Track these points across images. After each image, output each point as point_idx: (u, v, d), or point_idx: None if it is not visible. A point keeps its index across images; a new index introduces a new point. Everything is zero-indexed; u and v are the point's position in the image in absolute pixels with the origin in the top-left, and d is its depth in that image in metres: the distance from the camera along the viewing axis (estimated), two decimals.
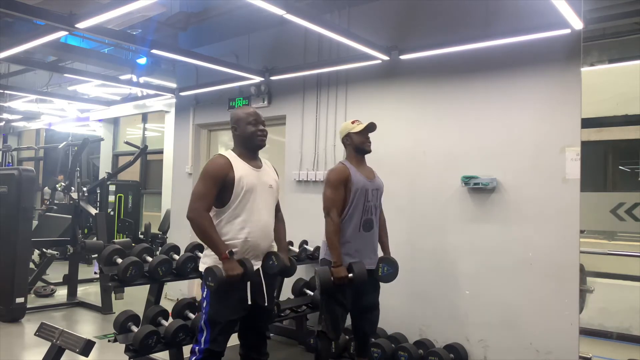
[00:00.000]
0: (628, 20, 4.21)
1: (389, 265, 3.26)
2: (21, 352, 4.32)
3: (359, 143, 3.27)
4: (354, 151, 3.30)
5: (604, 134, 5.34)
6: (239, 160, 2.69)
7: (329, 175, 3.22)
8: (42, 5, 3.54)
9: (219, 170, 2.61)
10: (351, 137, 3.29)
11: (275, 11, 3.20)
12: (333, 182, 3.17)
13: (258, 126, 2.75)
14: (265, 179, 2.76)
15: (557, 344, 3.34)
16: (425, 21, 4.09)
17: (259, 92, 5.25)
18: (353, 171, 3.20)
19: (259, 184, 2.70)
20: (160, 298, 3.86)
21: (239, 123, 2.76)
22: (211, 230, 2.56)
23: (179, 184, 6.24)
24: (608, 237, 5.23)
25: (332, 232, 3.11)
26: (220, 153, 2.73)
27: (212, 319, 2.60)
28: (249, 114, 2.76)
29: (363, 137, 3.28)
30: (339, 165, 3.27)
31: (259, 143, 2.76)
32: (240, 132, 2.75)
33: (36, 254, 6.55)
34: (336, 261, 3.07)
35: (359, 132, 3.26)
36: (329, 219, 3.14)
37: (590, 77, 4.60)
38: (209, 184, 2.59)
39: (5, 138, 12.68)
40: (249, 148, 2.77)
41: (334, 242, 3.10)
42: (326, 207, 3.17)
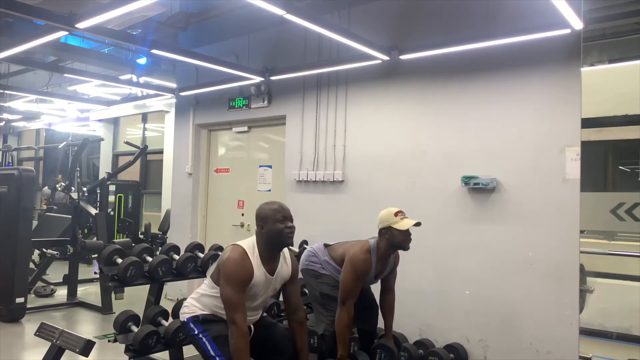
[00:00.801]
0: (628, 20, 4.20)
1: (387, 352, 3.31)
2: (21, 352, 4.32)
3: (400, 241, 3.06)
4: (389, 246, 3.11)
5: (604, 134, 5.33)
6: (259, 264, 2.60)
7: (356, 262, 3.09)
8: (42, 5, 3.54)
9: (246, 277, 2.54)
10: (392, 232, 3.05)
11: (275, 11, 3.20)
12: (358, 273, 3.09)
13: (286, 223, 2.60)
14: (272, 285, 2.71)
15: (557, 344, 3.34)
16: (425, 21, 4.09)
17: (259, 92, 5.25)
18: (372, 266, 3.15)
19: (264, 289, 2.67)
20: (160, 298, 3.86)
21: (266, 221, 2.61)
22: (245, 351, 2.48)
23: (179, 184, 6.25)
24: (608, 237, 5.23)
25: (344, 325, 3.08)
26: (244, 249, 2.59)
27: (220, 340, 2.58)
28: (276, 211, 2.62)
29: (405, 235, 3.05)
30: (366, 256, 3.12)
31: (286, 241, 2.64)
32: (267, 230, 2.60)
33: (36, 254, 6.55)
34: (342, 355, 3.10)
35: (404, 230, 3.04)
36: (344, 309, 3.08)
37: (590, 77, 4.60)
38: (239, 291, 2.52)
39: (5, 138, 12.67)
40: (275, 247, 2.65)
41: (344, 336, 3.09)
42: (344, 297, 3.10)
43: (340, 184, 4.52)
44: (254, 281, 2.57)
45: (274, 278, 2.68)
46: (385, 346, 3.32)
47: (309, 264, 3.42)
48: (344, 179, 4.51)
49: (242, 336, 2.46)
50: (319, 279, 3.34)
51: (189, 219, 6.02)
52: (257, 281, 2.59)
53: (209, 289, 2.70)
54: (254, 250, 2.61)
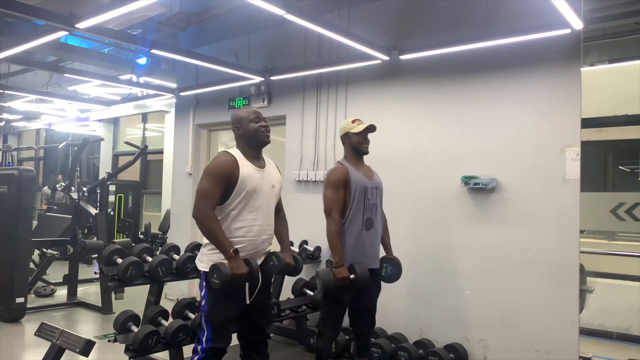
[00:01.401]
0: (628, 20, 4.20)
1: (393, 265, 3.26)
2: (21, 352, 4.32)
3: (357, 143, 3.26)
4: (352, 151, 3.30)
5: (604, 134, 5.34)
6: (244, 159, 2.68)
7: (329, 175, 3.22)
8: (42, 5, 3.54)
9: (225, 168, 2.60)
10: (350, 137, 3.28)
11: (275, 11, 3.20)
12: (333, 183, 3.16)
13: (261, 122, 2.74)
14: (268, 180, 2.75)
15: (557, 344, 3.34)
16: (425, 21, 4.09)
17: (259, 92, 5.25)
18: (352, 170, 3.19)
19: (261, 184, 2.69)
20: (160, 298, 3.86)
21: (241, 122, 2.74)
22: (217, 229, 2.56)
23: (179, 184, 6.25)
24: (608, 237, 5.23)
25: (333, 232, 3.10)
26: (226, 150, 2.71)
27: (211, 317, 2.60)
28: (250, 112, 2.76)
29: (361, 138, 3.27)
30: (337, 166, 3.26)
31: (263, 139, 2.75)
32: (244, 131, 2.73)
33: (36, 254, 6.55)
34: (338, 262, 3.07)
35: (358, 132, 3.25)
36: (331, 219, 3.13)
37: (590, 77, 4.60)
38: (215, 182, 2.58)
39: (5, 138, 12.68)
40: (254, 146, 2.75)
41: (336, 243, 3.09)
42: (327, 208, 3.16)
43: None
44: (242, 174, 2.60)
45: (265, 171, 2.74)
46: (390, 259, 3.29)
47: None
48: None
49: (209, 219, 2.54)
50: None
51: (189, 219, 6.00)
52: (248, 173, 2.63)
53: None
54: (235, 151, 2.71)
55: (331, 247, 3.12)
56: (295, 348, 4.35)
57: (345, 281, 3.02)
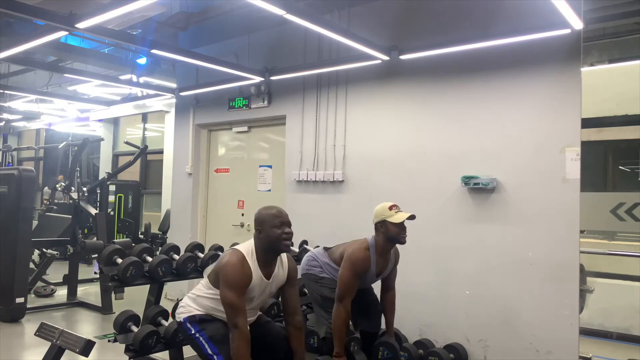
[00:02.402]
0: (628, 20, 4.20)
1: (389, 349, 3.31)
2: (21, 352, 4.32)
3: (395, 234, 3.07)
4: (386, 240, 3.12)
5: (604, 134, 5.33)
6: (257, 267, 2.62)
7: (355, 259, 3.10)
8: (42, 5, 3.54)
9: (245, 280, 2.55)
10: (387, 226, 3.07)
11: (275, 11, 3.20)
12: (356, 270, 3.08)
13: (284, 229, 2.60)
14: (269, 288, 2.72)
15: (557, 344, 3.34)
16: (425, 21, 4.09)
17: (259, 92, 5.25)
18: (372, 263, 3.15)
19: (261, 293, 2.68)
20: (160, 298, 3.86)
21: (263, 225, 2.61)
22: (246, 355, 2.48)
23: (179, 184, 6.24)
24: (608, 237, 5.23)
25: (341, 320, 3.07)
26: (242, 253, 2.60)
27: (214, 337, 2.60)
28: (274, 216, 2.62)
29: (400, 229, 3.06)
30: (365, 253, 3.12)
31: (284, 248, 2.65)
32: (265, 236, 2.60)
33: (36, 254, 6.55)
34: (339, 352, 3.09)
35: (399, 224, 3.06)
36: (341, 306, 3.07)
37: (590, 77, 4.59)
38: (240, 294, 2.52)
39: (5, 138, 12.68)
40: (272, 252, 2.65)
41: (341, 333, 3.08)
42: (340, 294, 3.09)
43: (340, 184, 4.52)
44: (251, 285, 2.58)
45: (270, 282, 2.69)
46: (387, 343, 3.33)
47: (309, 269, 3.43)
48: (344, 179, 4.51)
49: (244, 340, 2.46)
50: (319, 282, 3.35)
51: (189, 219, 6.02)
52: (254, 285, 2.60)
53: (205, 290, 2.70)
54: (252, 254, 2.62)
55: (335, 334, 3.10)
56: None
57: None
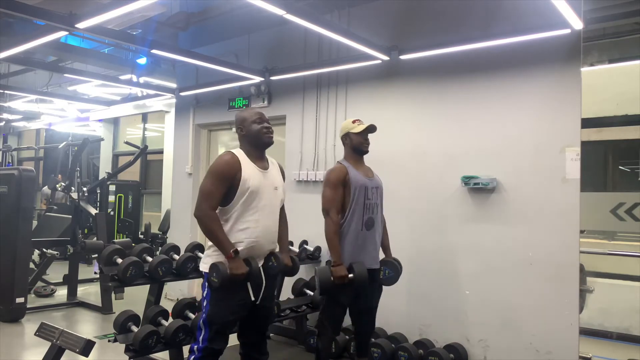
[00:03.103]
0: (628, 20, 4.20)
1: (391, 268, 3.26)
2: (21, 352, 4.32)
3: (357, 144, 3.27)
4: (352, 151, 3.31)
5: (604, 134, 5.33)
6: (247, 160, 2.69)
7: (328, 175, 3.23)
8: (42, 5, 3.54)
9: (228, 169, 2.61)
10: (350, 137, 3.29)
11: (275, 11, 3.20)
12: (332, 182, 3.17)
13: (264, 124, 2.76)
14: (270, 181, 2.76)
15: (557, 344, 3.34)
16: (425, 21, 4.09)
17: (259, 92, 5.25)
18: (351, 170, 3.20)
19: (264, 185, 2.70)
20: (160, 298, 3.86)
21: (244, 123, 2.77)
22: (218, 230, 2.58)
23: (179, 184, 6.25)
24: (608, 237, 5.23)
25: (331, 231, 3.11)
26: (229, 150, 2.72)
27: (211, 319, 2.60)
28: (253, 113, 2.78)
29: (362, 138, 3.28)
30: (337, 165, 3.27)
31: (266, 140, 2.76)
32: (247, 132, 2.75)
33: (36, 254, 6.55)
34: (336, 261, 3.07)
35: (359, 132, 3.26)
36: (329, 218, 3.14)
37: (590, 77, 4.60)
38: (217, 182, 2.59)
39: (5, 138, 12.68)
40: (257, 146, 2.76)
41: (334, 242, 3.10)
42: (325, 207, 3.17)
43: None
44: (245, 174, 2.61)
45: (268, 172, 2.75)
46: (388, 262, 3.28)
47: None
48: None
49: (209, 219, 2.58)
50: None
51: (189, 219, 6.01)
52: (250, 173, 2.64)
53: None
54: (240, 152, 2.72)
55: (329, 246, 3.12)
56: (295, 348, 4.35)
57: (343, 280, 3.02)
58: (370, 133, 3.32)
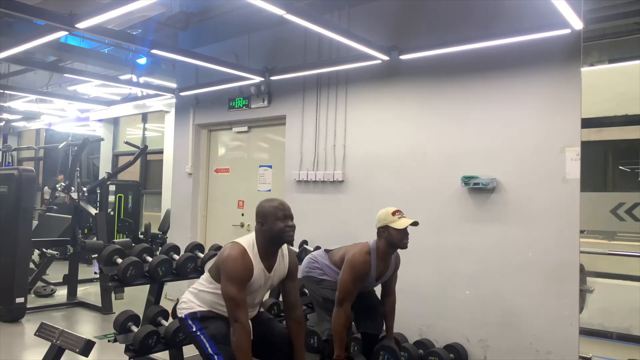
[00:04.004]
0: (628, 20, 4.21)
1: (390, 353, 3.31)
2: (21, 352, 4.32)
3: (397, 240, 3.07)
4: (388, 245, 3.13)
5: (604, 134, 5.33)
6: (258, 261, 2.60)
7: (355, 263, 3.10)
8: (42, 5, 3.54)
9: (247, 273, 2.53)
10: (389, 231, 3.07)
11: (275, 11, 3.20)
12: (356, 274, 3.08)
13: (287, 222, 2.59)
14: (270, 281, 2.71)
15: (557, 344, 3.34)
16: (426, 21, 4.09)
17: (259, 92, 5.25)
18: (373, 267, 3.15)
19: (262, 286, 2.66)
20: (160, 298, 3.86)
21: (266, 218, 2.59)
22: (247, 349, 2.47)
23: (179, 184, 6.24)
24: (608, 237, 5.23)
25: (341, 325, 3.08)
26: (244, 249, 2.57)
27: (215, 335, 2.58)
28: (277, 209, 2.60)
29: (402, 235, 3.07)
30: (365, 257, 3.12)
31: (287, 240, 2.63)
32: (268, 229, 2.59)
33: (36, 254, 6.55)
34: (339, 355, 3.09)
35: (401, 230, 3.06)
36: (341, 310, 3.08)
37: (590, 77, 4.59)
38: (241, 287, 2.51)
39: (5, 138, 12.67)
40: (275, 245, 2.64)
41: (341, 335, 3.08)
42: (340, 298, 3.10)
43: (340, 184, 4.52)
44: (252, 278, 2.57)
45: (271, 275, 2.68)
46: (388, 347, 3.33)
47: (309, 271, 3.43)
48: (344, 179, 4.51)
49: (245, 334, 2.46)
50: (320, 284, 3.35)
51: (189, 219, 6.02)
52: (256, 278, 2.59)
53: (207, 285, 2.69)
54: (253, 247, 2.60)
55: (335, 338, 3.10)
56: None
57: None
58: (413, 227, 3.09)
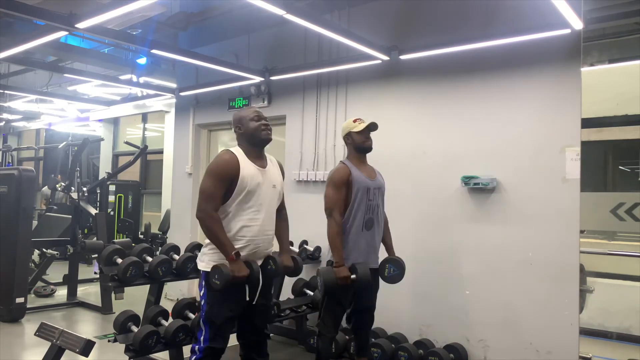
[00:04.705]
0: (628, 20, 4.21)
1: (395, 266, 3.25)
2: (21, 352, 4.32)
3: (360, 142, 3.27)
4: (355, 150, 3.30)
5: (604, 134, 5.33)
6: (245, 158, 2.69)
7: (331, 175, 3.22)
8: (42, 5, 3.54)
9: (228, 168, 2.61)
10: (352, 136, 3.29)
11: (275, 11, 3.20)
12: (335, 182, 3.17)
13: (261, 121, 2.76)
14: (269, 179, 2.76)
15: (557, 344, 3.34)
16: (425, 21, 4.09)
17: (259, 92, 5.25)
18: (354, 170, 3.20)
19: (262, 183, 2.69)
20: (160, 298, 3.86)
21: (242, 121, 2.77)
22: (219, 231, 2.57)
23: (179, 184, 6.25)
24: (608, 237, 5.23)
25: (334, 232, 3.10)
26: (228, 149, 2.71)
27: (210, 318, 2.61)
28: (250, 112, 2.79)
29: (364, 137, 3.27)
30: (340, 165, 3.26)
31: (264, 137, 2.76)
32: (245, 130, 2.75)
33: (36, 254, 6.55)
34: (338, 261, 3.07)
35: (360, 131, 3.26)
36: (332, 219, 3.13)
37: (590, 77, 4.60)
38: (217, 182, 2.60)
39: (5, 138, 12.68)
40: (255, 144, 2.76)
41: (337, 243, 3.09)
42: (328, 208, 3.16)
43: None
44: (243, 173, 2.61)
45: (267, 171, 2.74)
46: (393, 259, 3.27)
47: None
48: None
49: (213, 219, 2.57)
50: None
51: (189, 219, 6.02)
52: (248, 172, 2.63)
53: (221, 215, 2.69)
54: (238, 151, 2.71)
55: (332, 246, 3.12)
56: (295, 348, 4.36)
57: (346, 280, 3.02)
58: (372, 131, 3.32)
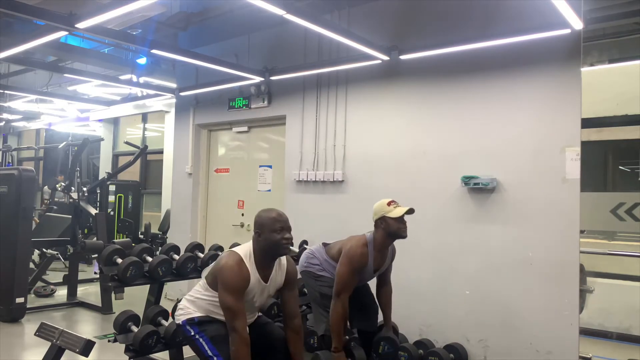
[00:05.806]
0: (628, 20, 4.21)
1: (390, 344, 3.32)
2: (21, 352, 4.32)
3: (396, 229, 3.08)
4: (387, 236, 3.14)
5: (604, 134, 5.33)
6: (255, 270, 2.62)
7: (351, 255, 3.11)
8: (42, 5, 3.54)
9: (244, 283, 2.55)
10: (387, 221, 3.09)
11: (275, 11, 3.20)
12: (353, 267, 3.09)
13: (284, 234, 2.59)
14: (267, 291, 2.72)
15: (557, 344, 3.34)
16: (425, 21, 4.09)
17: (259, 92, 5.25)
18: (370, 259, 3.16)
19: (257, 295, 2.67)
20: (160, 298, 3.86)
21: (263, 229, 2.60)
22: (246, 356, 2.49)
23: (178, 184, 6.25)
24: (608, 237, 5.23)
25: (339, 316, 3.08)
26: (241, 258, 2.59)
27: (216, 339, 2.59)
28: (274, 220, 2.60)
29: (400, 223, 3.08)
30: (363, 249, 3.12)
31: (283, 252, 2.64)
32: (265, 239, 2.59)
33: (36, 254, 6.55)
34: (337, 347, 3.09)
35: (398, 217, 3.07)
36: (339, 300, 3.09)
37: (590, 77, 4.59)
38: (239, 297, 2.52)
39: (5, 138, 12.67)
40: (271, 255, 2.65)
41: (339, 327, 3.08)
42: (338, 289, 3.10)
43: (340, 184, 4.52)
44: (249, 287, 2.58)
45: (267, 285, 2.69)
46: (388, 338, 3.32)
47: (307, 266, 3.43)
48: (344, 179, 4.51)
49: (243, 343, 2.47)
50: (318, 280, 3.35)
51: (189, 219, 6.02)
52: (252, 288, 2.60)
53: (203, 292, 2.70)
54: (250, 257, 2.61)
55: (333, 330, 3.11)
56: None
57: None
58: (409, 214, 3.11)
